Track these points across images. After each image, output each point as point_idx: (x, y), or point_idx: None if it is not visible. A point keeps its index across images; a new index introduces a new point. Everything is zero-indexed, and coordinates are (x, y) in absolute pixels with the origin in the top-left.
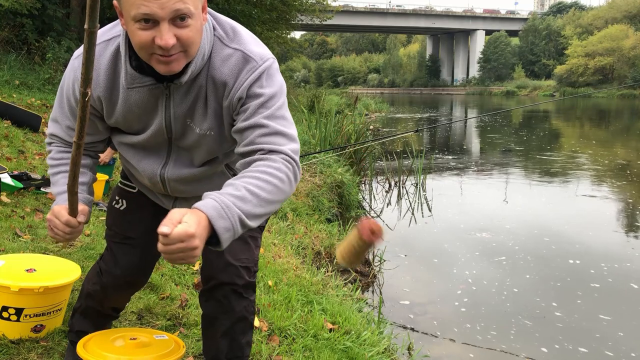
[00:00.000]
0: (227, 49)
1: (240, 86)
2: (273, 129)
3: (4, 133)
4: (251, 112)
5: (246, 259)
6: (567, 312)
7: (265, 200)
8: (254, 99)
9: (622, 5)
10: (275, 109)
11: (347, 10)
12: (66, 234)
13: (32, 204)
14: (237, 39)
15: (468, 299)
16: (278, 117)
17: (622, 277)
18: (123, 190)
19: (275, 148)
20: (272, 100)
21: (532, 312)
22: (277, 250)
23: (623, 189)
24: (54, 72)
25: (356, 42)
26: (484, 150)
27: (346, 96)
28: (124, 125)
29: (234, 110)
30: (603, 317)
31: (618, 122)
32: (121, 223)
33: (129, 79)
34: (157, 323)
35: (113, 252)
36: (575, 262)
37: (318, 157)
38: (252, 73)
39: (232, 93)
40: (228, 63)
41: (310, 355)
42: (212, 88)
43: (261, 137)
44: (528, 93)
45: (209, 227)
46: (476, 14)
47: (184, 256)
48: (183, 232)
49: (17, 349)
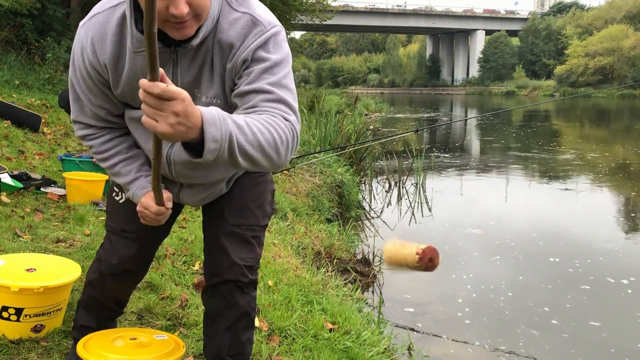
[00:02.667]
0: (235, 12)
1: (246, 48)
2: (277, 96)
3: (4, 133)
4: (255, 76)
5: (250, 258)
6: (567, 312)
7: (259, 145)
8: (259, 63)
9: (622, 5)
10: (280, 77)
11: (347, 10)
12: (159, 220)
13: (32, 204)
14: (245, 3)
15: (468, 299)
16: (283, 86)
17: (623, 276)
18: None
19: (283, 114)
20: (278, 67)
21: (532, 312)
22: (277, 250)
23: (623, 188)
24: (54, 72)
25: (356, 42)
26: (484, 150)
27: (346, 96)
28: (130, 96)
29: (237, 73)
30: (604, 317)
31: (618, 122)
32: (119, 216)
33: (135, 42)
34: (157, 323)
35: (111, 242)
36: (575, 262)
37: (318, 157)
38: (260, 37)
39: (237, 55)
40: (236, 26)
41: (310, 355)
42: (218, 51)
43: (265, 102)
44: (528, 93)
45: (199, 129)
46: (476, 14)
47: (157, 114)
48: (177, 91)
49: (17, 349)
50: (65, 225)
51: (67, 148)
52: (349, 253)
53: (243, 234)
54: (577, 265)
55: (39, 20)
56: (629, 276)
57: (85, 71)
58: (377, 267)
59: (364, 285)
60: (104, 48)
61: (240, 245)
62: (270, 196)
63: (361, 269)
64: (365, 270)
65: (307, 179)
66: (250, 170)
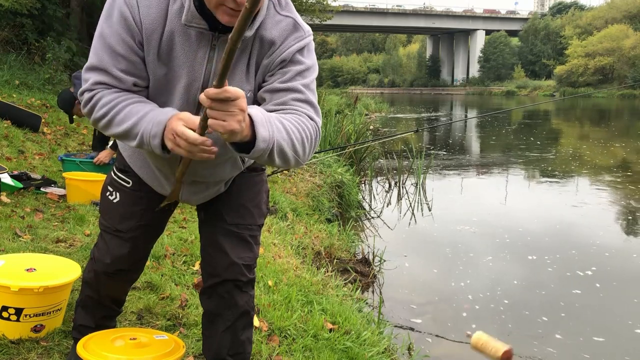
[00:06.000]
0: (278, 15)
1: (286, 49)
2: (307, 98)
3: (4, 133)
4: (290, 77)
5: (248, 257)
6: (568, 312)
7: (292, 144)
8: (295, 65)
9: (621, 5)
10: (310, 81)
11: (347, 10)
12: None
13: (32, 204)
14: (288, 8)
15: (468, 299)
16: (311, 90)
17: (628, 276)
18: (117, 182)
19: (310, 115)
20: (309, 72)
21: (533, 312)
22: (277, 250)
23: (623, 188)
24: (54, 72)
25: (356, 42)
26: (484, 149)
27: (346, 96)
28: (155, 72)
29: (270, 70)
30: (605, 318)
31: (618, 122)
32: (112, 216)
33: (189, 16)
34: (157, 323)
35: (105, 241)
36: (576, 260)
37: (318, 157)
38: (300, 41)
39: (276, 53)
40: (278, 26)
41: (310, 355)
42: (257, 46)
43: (296, 101)
44: (528, 93)
45: (250, 128)
46: (476, 14)
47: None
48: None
49: (17, 349)
50: (65, 225)
51: (67, 148)
52: (349, 253)
53: (241, 234)
54: (578, 264)
55: (39, 20)
56: (634, 275)
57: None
58: (377, 267)
59: (364, 285)
60: (148, 13)
61: (238, 245)
62: (265, 196)
63: (361, 269)
64: (365, 270)
65: (307, 179)
66: (277, 166)
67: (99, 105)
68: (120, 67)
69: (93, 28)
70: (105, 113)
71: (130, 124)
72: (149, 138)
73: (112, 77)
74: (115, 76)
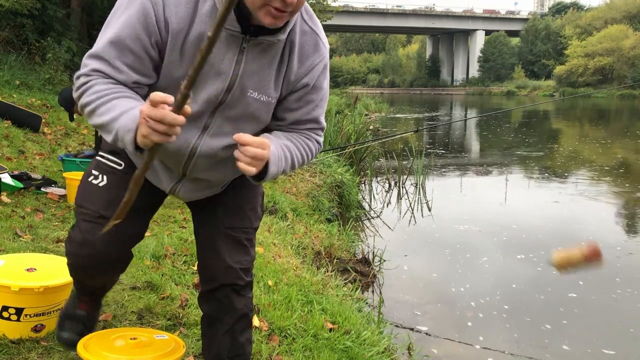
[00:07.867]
0: (305, 25)
1: (310, 68)
2: (322, 126)
3: (4, 133)
4: (312, 108)
5: (245, 260)
6: (568, 312)
7: (293, 167)
8: (318, 92)
9: (621, 6)
10: (325, 104)
11: (347, 11)
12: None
13: (32, 204)
14: (312, 20)
15: (468, 299)
16: (324, 112)
17: (630, 275)
18: (105, 165)
19: (318, 139)
20: (327, 95)
21: (534, 311)
22: (277, 250)
23: (623, 187)
24: (54, 72)
25: (356, 42)
26: (484, 149)
27: (346, 96)
28: (172, 72)
29: (295, 90)
30: (605, 318)
31: (618, 122)
32: (97, 200)
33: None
34: (157, 323)
35: (82, 232)
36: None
37: (318, 157)
38: (321, 61)
39: (301, 71)
40: (304, 38)
41: (310, 355)
42: (287, 53)
43: (312, 130)
44: (528, 93)
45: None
46: (476, 14)
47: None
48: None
49: (17, 349)
50: (65, 225)
51: (68, 148)
52: (349, 253)
53: (237, 237)
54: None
55: (39, 20)
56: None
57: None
58: (377, 267)
59: (364, 285)
60: (177, 9)
61: (234, 248)
62: (261, 199)
63: (361, 269)
64: (365, 270)
65: (307, 179)
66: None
67: (90, 91)
68: (126, 61)
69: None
70: (92, 100)
71: (110, 117)
72: (123, 133)
73: (113, 68)
74: (116, 68)
